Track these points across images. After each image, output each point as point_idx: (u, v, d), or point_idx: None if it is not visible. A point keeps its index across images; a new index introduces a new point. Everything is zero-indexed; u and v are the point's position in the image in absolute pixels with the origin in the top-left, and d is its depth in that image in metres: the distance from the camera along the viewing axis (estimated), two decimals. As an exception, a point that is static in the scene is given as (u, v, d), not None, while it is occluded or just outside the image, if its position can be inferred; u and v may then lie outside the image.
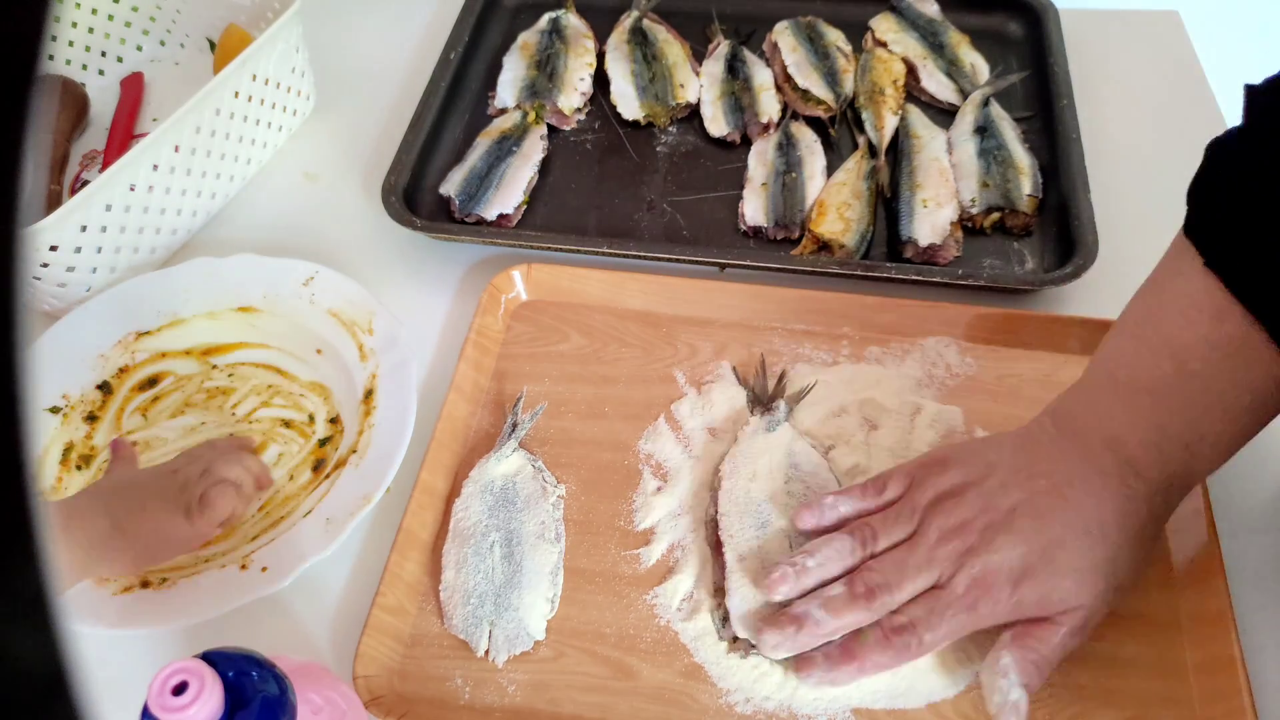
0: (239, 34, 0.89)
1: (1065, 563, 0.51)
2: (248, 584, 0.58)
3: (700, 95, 0.88)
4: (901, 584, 0.52)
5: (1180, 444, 0.52)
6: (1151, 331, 0.54)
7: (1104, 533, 0.52)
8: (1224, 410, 0.52)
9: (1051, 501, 0.53)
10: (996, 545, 0.52)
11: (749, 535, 0.59)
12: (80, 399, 0.69)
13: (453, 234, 0.78)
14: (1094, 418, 0.55)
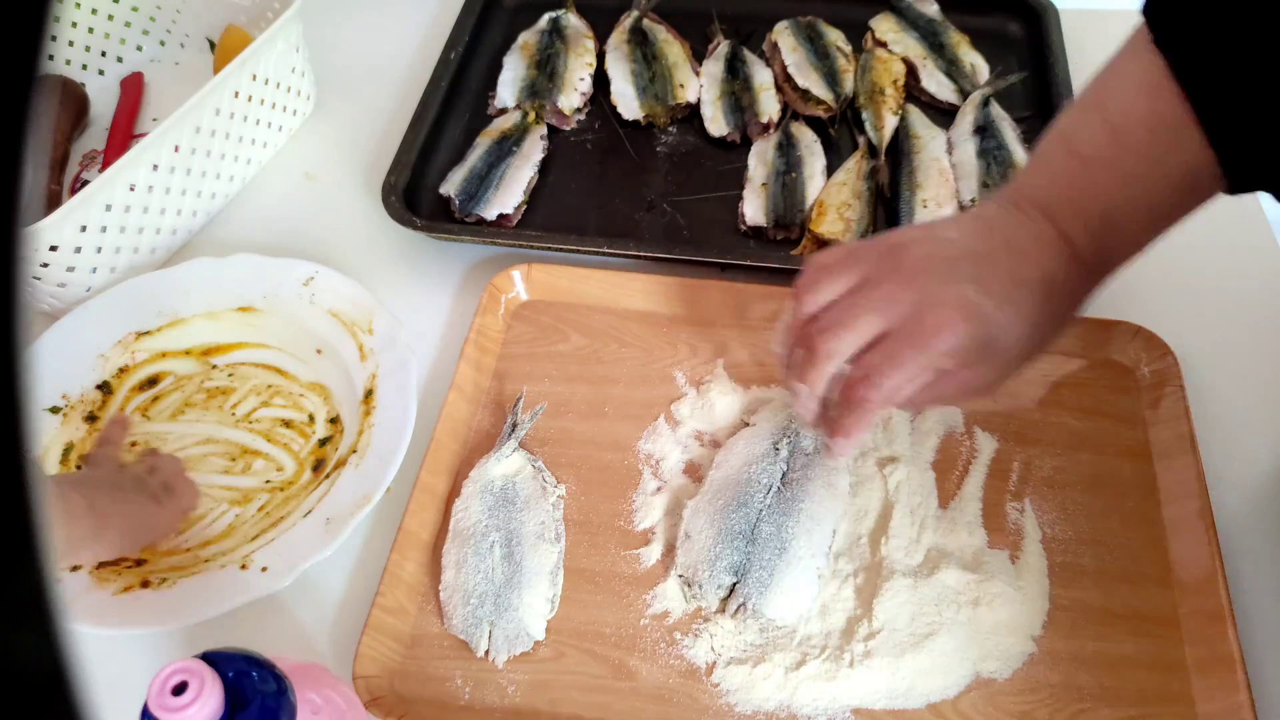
0: (239, 34, 0.89)
1: (1002, 293, 0.51)
2: (248, 584, 0.58)
3: (700, 95, 0.88)
4: (852, 322, 0.52)
5: (1104, 211, 0.53)
6: (1096, 104, 0.54)
7: (1027, 273, 0.52)
8: (1146, 187, 0.52)
9: (990, 248, 0.53)
10: (939, 275, 0.52)
11: (714, 498, 0.60)
12: (80, 399, 0.69)
13: (453, 234, 0.78)
14: (1039, 186, 0.55)
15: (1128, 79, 0.53)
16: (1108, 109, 0.53)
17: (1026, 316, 0.52)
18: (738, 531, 0.58)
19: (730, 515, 0.59)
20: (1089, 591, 0.59)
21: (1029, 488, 0.63)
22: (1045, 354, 0.55)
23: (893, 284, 0.52)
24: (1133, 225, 0.53)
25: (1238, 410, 0.68)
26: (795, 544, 0.58)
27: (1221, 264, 0.76)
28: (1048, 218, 0.54)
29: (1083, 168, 0.54)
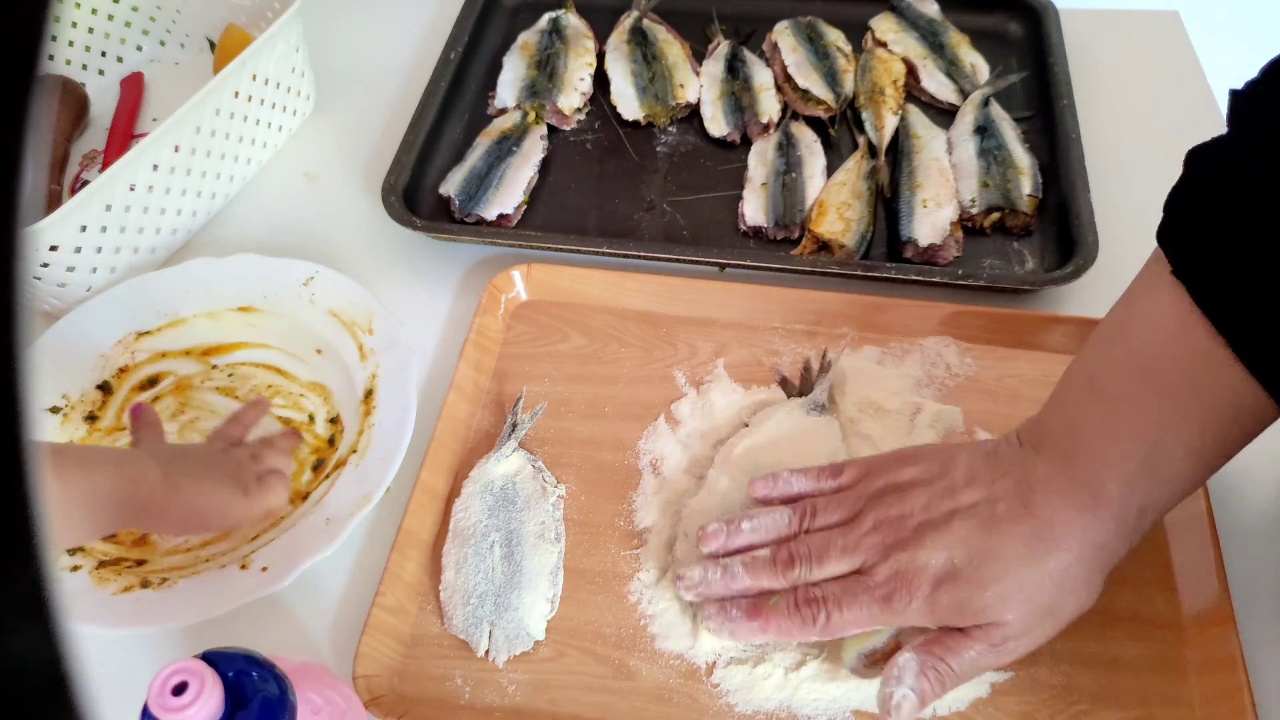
0: (239, 34, 0.89)
1: (992, 574, 0.49)
2: (248, 584, 0.58)
3: (700, 95, 0.88)
4: (823, 560, 0.52)
5: (1142, 459, 0.49)
6: (1120, 342, 0.52)
7: (1050, 550, 0.49)
8: (1188, 428, 0.49)
9: (999, 511, 0.51)
10: (926, 543, 0.51)
11: (714, 497, 0.60)
12: (80, 399, 0.69)
13: (453, 234, 0.78)
14: (1061, 430, 0.52)
15: (1150, 315, 0.51)
16: (1132, 350, 0.51)
17: (1033, 596, 0.49)
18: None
19: (731, 513, 0.59)
20: (1089, 592, 0.59)
21: (1029, 488, 0.63)
22: (1077, 612, 0.51)
23: (884, 532, 0.52)
24: (1174, 469, 0.50)
25: (1238, 410, 0.67)
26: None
27: (1221, 264, 0.76)
28: (1073, 463, 0.50)
29: (1113, 412, 0.50)
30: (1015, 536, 0.50)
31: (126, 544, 0.63)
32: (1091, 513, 0.50)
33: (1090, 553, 0.49)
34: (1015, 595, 0.49)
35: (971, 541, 0.50)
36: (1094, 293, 0.73)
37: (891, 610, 0.51)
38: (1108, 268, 0.73)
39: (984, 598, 0.49)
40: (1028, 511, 0.50)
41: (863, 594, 0.51)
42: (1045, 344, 0.70)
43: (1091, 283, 0.72)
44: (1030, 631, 0.50)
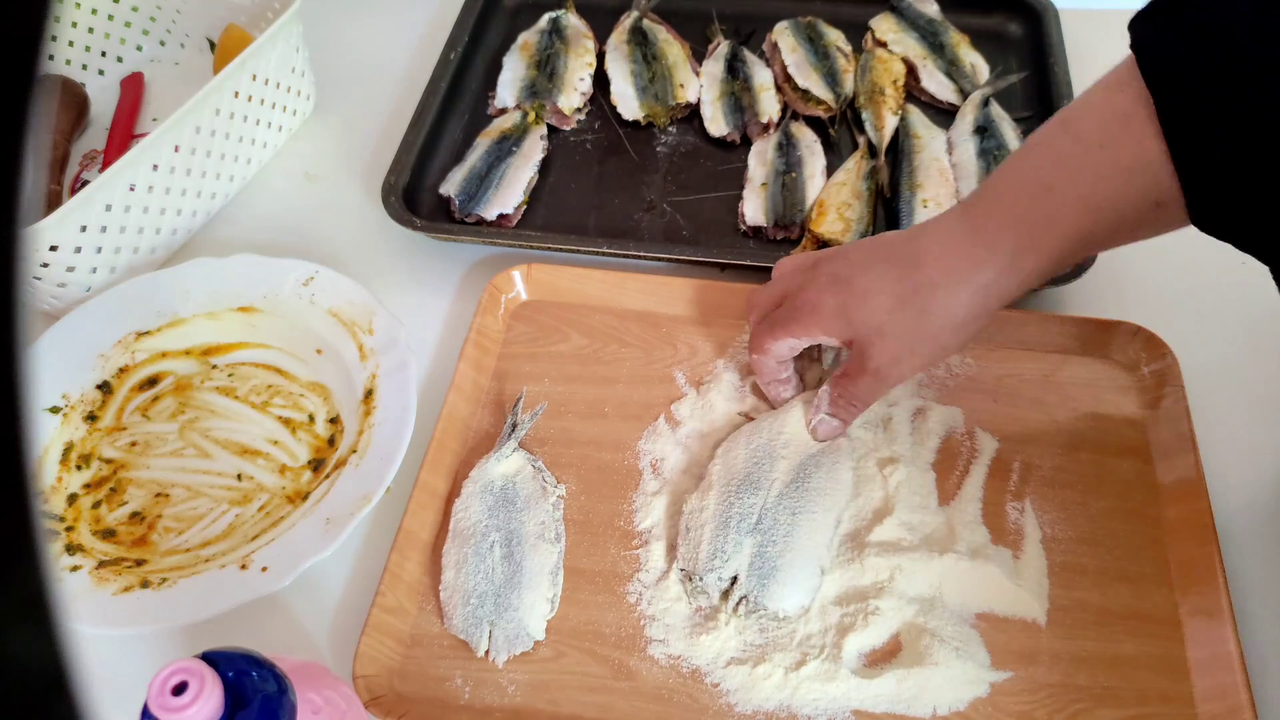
0: (239, 34, 0.89)
1: (869, 287, 0.56)
2: (248, 584, 0.58)
3: (700, 95, 0.88)
4: (755, 301, 0.63)
5: (1033, 197, 0.51)
6: (1068, 111, 0.53)
7: (923, 274, 0.54)
8: (1085, 176, 0.50)
9: (888, 240, 0.58)
10: (831, 259, 0.59)
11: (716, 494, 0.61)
12: (80, 399, 0.69)
13: (453, 234, 0.78)
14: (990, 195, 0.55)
15: (1104, 79, 0.51)
16: (1066, 109, 0.53)
17: (906, 318, 0.55)
18: (741, 525, 0.58)
19: (733, 510, 0.59)
20: (1089, 591, 0.59)
21: (1029, 488, 0.63)
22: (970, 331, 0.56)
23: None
24: (1062, 215, 0.51)
25: (1238, 410, 0.68)
26: (798, 536, 0.58)
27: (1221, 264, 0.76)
28: (970, 205, 0.55)
29: (1025, 154, 0.53)
30: (894, 259, 0.56)
31: (126, 544, 0.63)
32: (971, 243, 0.53)
33: (967, 285, 0.53)
34: (885, 311, 0.55)
35: (858, 257, 0.58)
36: (1094, 292, 0.73)
37: (799, 324, 0.59)
38: (1108, 268, 0.74)
39: (863, 310, 0.56)
40: (911, 241, 0.56)
41: (776, 319, 0.60)
42: (1045, 344, 0.70)
43: (1092, 282, 0.72)
44: (906, 356, 0.56)
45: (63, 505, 0.65)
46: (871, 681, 0.55)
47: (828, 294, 0.57)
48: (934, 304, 0.54)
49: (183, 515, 0.65)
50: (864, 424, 0.66)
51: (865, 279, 0.56)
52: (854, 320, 0.56)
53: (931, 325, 0.54)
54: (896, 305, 0.55)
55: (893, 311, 0.55)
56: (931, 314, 0.54)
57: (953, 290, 0.54)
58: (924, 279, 0.54)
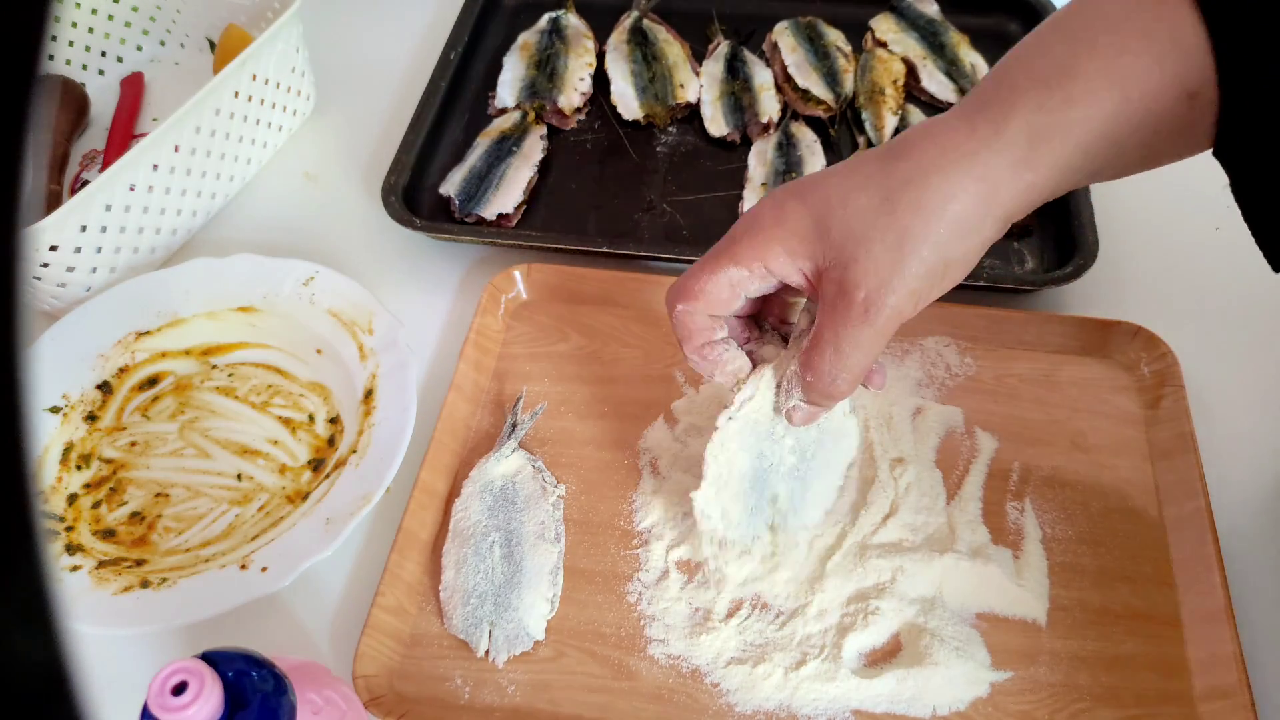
0: (239, 34, 0.89)
1: (842, 185, 0.43)
2: (248, 584, 0.58)
3: (700, 95, 0.88)
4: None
5: (1046, 83, 0.41)
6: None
7: (907, 167, 0.42)
8: (1106, 61, 0.41)
9: (873, 149, 0.45)
10: (783, 186, 0.46)
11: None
12: (80, 399, 0.69)
13: (453, 234, 0.78)
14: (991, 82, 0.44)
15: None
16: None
17: (882, 218, 0.42)
18: (761, 502, 0.57)
19: (749, 498, 0.56)
20: (1089, 591, 0.59)
21: (1029, 488, 0.63)
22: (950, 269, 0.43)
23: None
24: (1081, 101, 0.41)
25: (1238, 410, 0.68)
26: (810, 501, 0.59)
27: (1222, 264, 0.76)
28: (971, 99, 0.44)
29: (1038, 43, 0.43)
30: (874, 157, 0.44)
31: (126, 544, 0.63)
32: (971, 125, 0.42)
33: (970, 171, 0.41)
34: (869, 213, 0.42)
35: (830, 168, 0.45)
36: (1094, 292, 0.73)
37: (750, 241, 0.45)
38: (1108, 268, 0.74)
39: (838, 215, 0.42)
40: (892, 143, 0.44)
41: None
42: (1045, 344, 0.70)
43: (1092, 282, 0.72)
44: (902, 275, 0.42)
45: (63, 505, 0.65)
46: (871, 681, 0.55)
47: (789, 204, 0.44)
48: (928, 196, 0.41)
49: (183, 515, 0.65)
50: (872, 424, 0.66)
51: (839, 179, 0.43)
52: (828, 232, 0.42)
53: (928, 227, 0.41)
54: (881, 205, 0.41)
55: (878, 212, 0.41)
56: (927, 210, 0.41)
57: (950, 176, 0.41)
58: (913, 167, 0.42)
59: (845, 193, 0.42)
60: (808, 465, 0.57)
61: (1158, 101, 0.40)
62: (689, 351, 0.49)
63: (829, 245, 0.43)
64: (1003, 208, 0.42)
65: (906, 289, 0.42)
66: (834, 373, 0.45)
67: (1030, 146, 0.41)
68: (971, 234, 0.42)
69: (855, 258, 0.42)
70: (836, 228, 0.42)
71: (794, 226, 0.43)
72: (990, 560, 0.59)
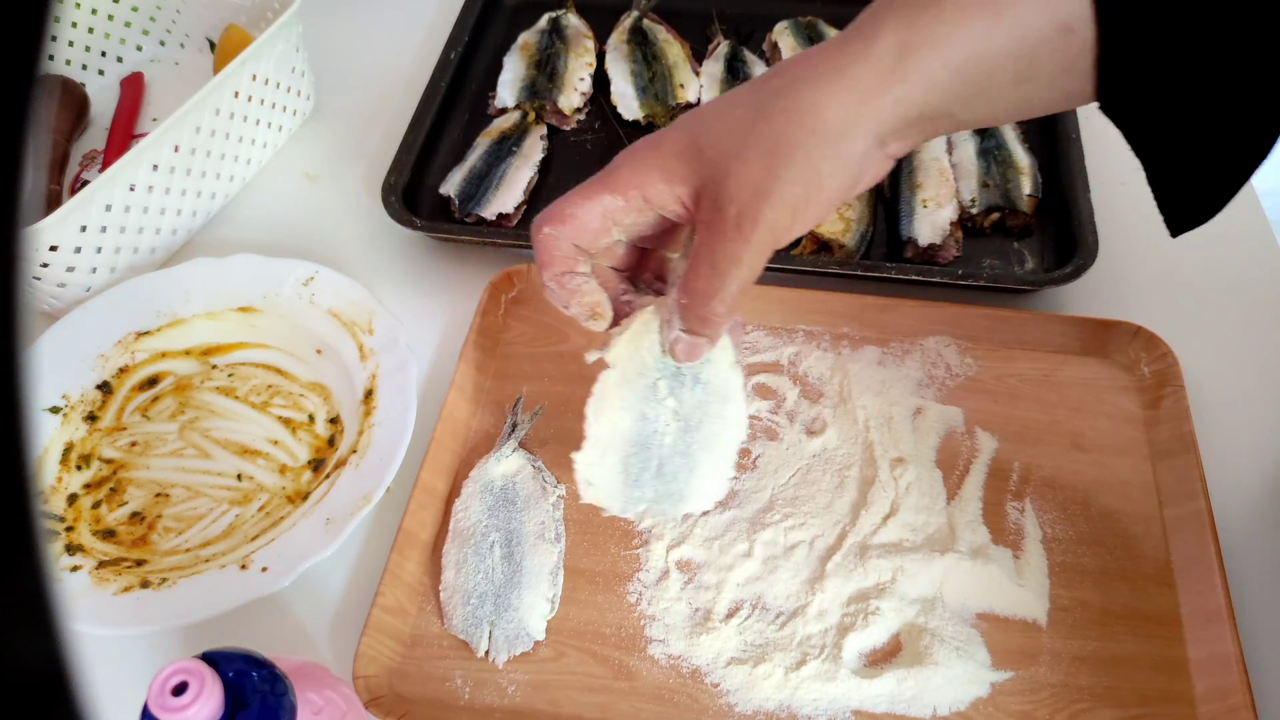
0: (239, 34, 0.89)
1: (718, 107, 0.42)
2: (248, 584, 0.58)
3: (700, 95, 0.88)
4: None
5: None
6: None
7: (780, 80, 0.42)
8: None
9: (764, 80, 0.43)
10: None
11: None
12: (80, 399, 0.69)
13: (453, 234, 0.78)
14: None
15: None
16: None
17: (753, 131, 0.41)
18: (644, 473, 0.53)
19: (632, 464, 0.53)
20: (1089, 591, 0.59)
21: (1029, 488, 0.63)
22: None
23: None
24: (969, 23, 0.40)
25: (1238, 410, 0.68)
26: (699, 472, 0.54)
27: (1221, 264, 0.76)
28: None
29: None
30: (751, 81, 0.43)
31: (126, 544, 0.63)
32: (842, 39, 0.41)
33: (841, 79, 0.40)
34: (741, 126, 0.41)
35: (695, 110, 0.44)
36: (1094, 292, 0.74)
37: (626, 167, 0.44)
38: (1108, 268, 0.74)
39: (712, 132, 0.42)
40: (776, 65, 0.44)
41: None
42: (1045, 344, 0.70)
43: (1092, 282, 0.72)
44: (774, 186, 0.41)
45: (63, 505, 0.65)
46: (872, 681, 0.55)
47: (670, 132, 0.43)
48: (798, 103, 0.40)
49: (183, 515, 0.65)
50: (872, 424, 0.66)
51: (715, 103, 0.43)
52: (703, 150, 0.42)
53: (800, 132, 0.40)
54: (756, 116, 0.41)
55: (753, 124, 0.41)
56: (799, 115, 0.40)
57: (819, 86, 0.40)
58: (785, 81, 0.41)
59: (720, 111, 0.42)
60: (693, 437, 0.53)
61: (1031, 29, 0.39)
62: (547, 279, 0.47)
63: (704, 163, 0.42)
64: (873, 118, 0.41)
65: (781, 200, 0.41)
66: (710, 292, 0.43)
67: (898, 58, 0.40)
68: (842, 142, 0.41)
69: (729, 171, 0.41)
70: (710, 144, 0.42)
71: (670, 149, 0.43)
72: (990, 560, 0.59)
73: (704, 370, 0.51)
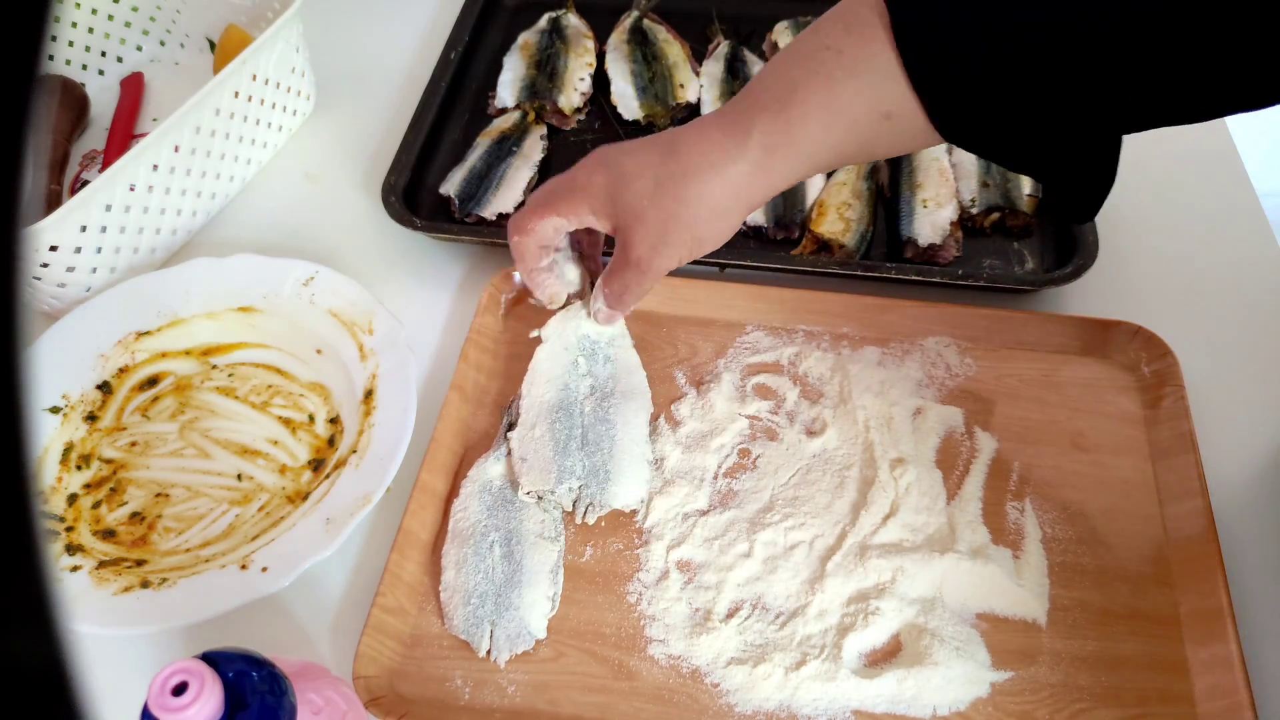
0: (239, 34, 0.89)
1: (632, 168, 0.55)
2: (248, 584, 0.58)
3: (700, 95, 0.88)
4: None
5: (780, 98, 0.51)
6: (826, 14, 0.53)
7: (677, 164, 0.54)
8: (825, 79, 0.50)
9: (662, 133, 0.56)
10: (600, 151, 0.58)
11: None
12: (80, 399, 0.69)
13: (453, 234, 0.78)
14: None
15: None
16: (830, 11, 0.52)
17: (658, 205, 0.54)
18: (570, 445, 0.62)
19: (559, 431, 0.63)
20: (1089, 591, 0.59)
21: (1029, 487, 0.63)
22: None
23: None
24: (807, 118, 0.51)
25: (1238, 410, 0.68)
26: (620, 440, 0.63)
27: (1221, 264, 0.76)
28: (727, 107, 0.54)
29: (781, 59, 0.53)
30: (658, 146, 0.55)
31: (126, 544, 0.63)
32: (724, 135, 0.53)
33: (718, 176, 0.53)
34: (645, 197, 0.55)
35: (630, 145, 0.57)
36: (1094, 292, 0.74)
37: (567, 200, 0.57)
38: (1108, 268, 0.74)
39: (626, 193, 0.55)
40: (675, 132, 0.56)
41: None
42: (1045, 344, 0.70)
43: (1092, 282, 0.72)
44: (663, 246, 0.55)
45: (63, 505, 0.65)
46: (872, 681, 0.55)
47: (597, 173, 0.56)
48: (688, 191, 0.53)
49: (183, 515, 0.65)
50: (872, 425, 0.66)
51: (631, 162, 0.56)
52: (617, 203, 0.56)
53: (686, 214, 0.54)
54: (655, 191, 0.54)
55: (652, 198, 0.54)
56: (686, 202, 0.54)
57: (705, 179, 0.53)
58: (679, 167, 0.54)
59: (632, 175, 0.55)
60: (609, 404, 0.64)
61: (860, 121, 0.50)
62: (522, 271, 0.63)
63: (618, 213, 0.56)
64: (746, 200, 0.54)
65: (668, 256, 0.56)
66: (620, 292, 0.60)
67: (766, 154, 0.52)
68: (721, 219, 0.55)
69: (633, 229, 0.56)
70: (621, 204, 0.55)
71: (597, 193, 0.56)
72: (990, 560, 0.59)
73: (612, 350, 0.66)
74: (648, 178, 0.54)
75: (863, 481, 0.63)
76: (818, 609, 0.58)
